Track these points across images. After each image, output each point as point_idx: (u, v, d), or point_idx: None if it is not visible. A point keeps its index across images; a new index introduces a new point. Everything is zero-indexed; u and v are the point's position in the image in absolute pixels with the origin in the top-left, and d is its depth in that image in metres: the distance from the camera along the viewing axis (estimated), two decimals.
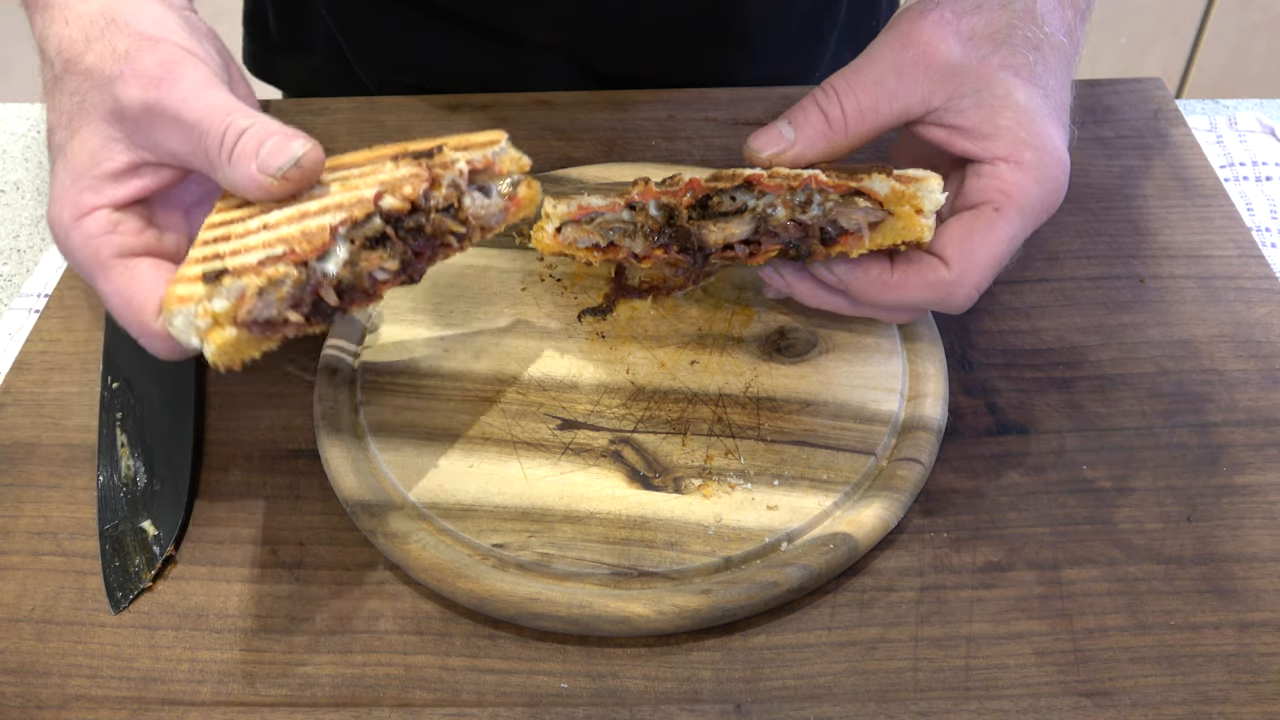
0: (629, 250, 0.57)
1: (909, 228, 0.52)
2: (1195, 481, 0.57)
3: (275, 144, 0.49)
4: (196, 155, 0.50)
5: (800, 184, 0.53)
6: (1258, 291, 0.66)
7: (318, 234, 0.48)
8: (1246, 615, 0.51)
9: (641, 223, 0.56)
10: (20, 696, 0.51)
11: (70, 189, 0.52)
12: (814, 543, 0.53)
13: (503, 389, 0.61)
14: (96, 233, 0.51)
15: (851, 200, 0.53)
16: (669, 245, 0.56)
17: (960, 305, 0.55)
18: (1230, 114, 0.82)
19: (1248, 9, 1.76)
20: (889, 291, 0.55)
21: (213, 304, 0.46)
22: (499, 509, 0.55)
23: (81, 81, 0.52)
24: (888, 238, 0.53)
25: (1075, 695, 0.49)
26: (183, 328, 0.46)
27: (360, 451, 0.58)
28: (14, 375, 0.65)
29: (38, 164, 0.83)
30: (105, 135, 0.52)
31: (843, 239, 0.53)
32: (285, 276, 0.47)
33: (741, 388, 0.60)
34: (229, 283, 0.46)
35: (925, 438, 0.57)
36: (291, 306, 0.47)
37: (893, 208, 0.53)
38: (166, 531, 0.56)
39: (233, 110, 0.50)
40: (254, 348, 0.47)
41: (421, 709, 0.50)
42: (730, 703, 0.49)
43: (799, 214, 0.54)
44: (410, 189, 0.50)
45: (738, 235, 0.55)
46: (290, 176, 0.49)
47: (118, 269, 0.51)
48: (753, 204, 0.54)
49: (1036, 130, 0.54)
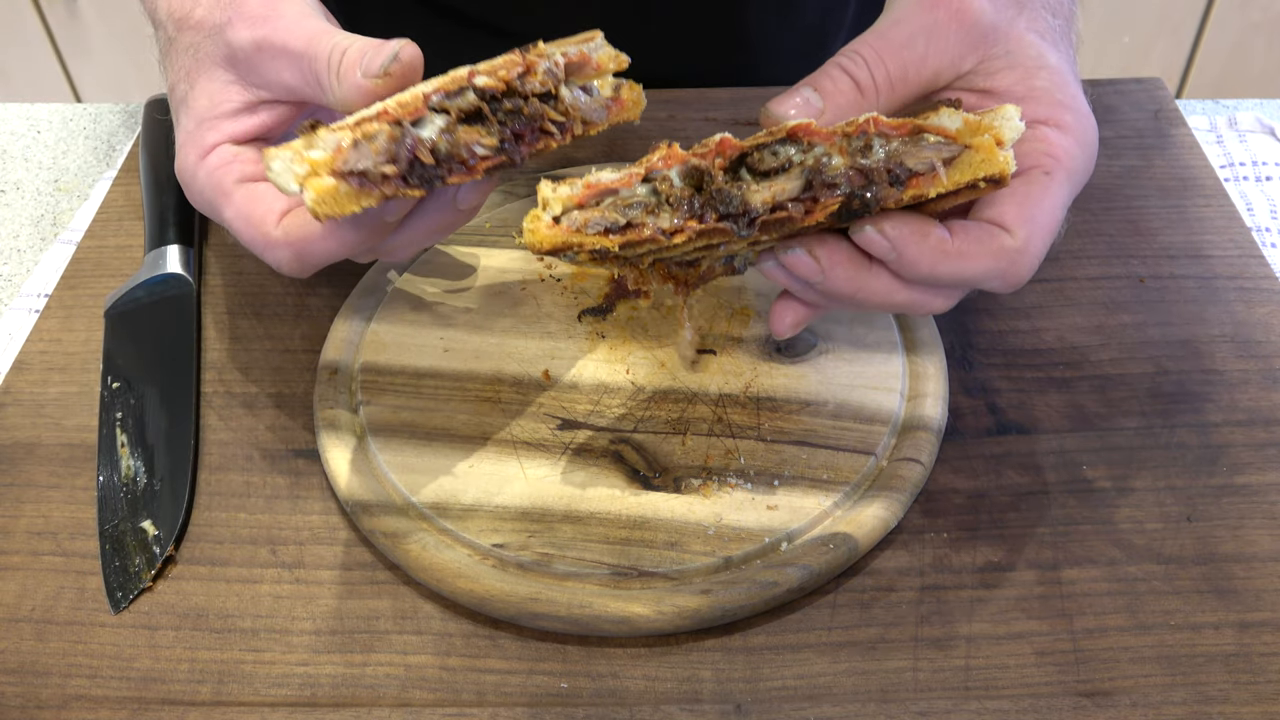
0: (654, 229, 0.47)
1: (989, 160, 0.46)
2: (1195, 481, 0.57)
3: (374, 49, 0.51)
4: (308, 82, 0.53)
5: (856, 130, 0.46)
6: (1258, 291, 0.66)
7: (411, 100, 0.49)
8: (1246, 615, 0.51)
9: (666, 193, 0.47)
10: (20, 696, 0.51)
11: (194, 133, 0.55)
12: (814, 543, 0.53)
13: (502, 389, 0.61)
14: (219, 165, 0.54)
15: (918, 139, 0.47)
16: (704, 213, 0.47)
17: (1023, 276, 0.49)
18: (1230, 114, 0.82)
19: (1248, 9, 1.76)
20: (948, 261, 0.48)
21: (309, 153, 0.47)
22: (499, 509, 0.55)
23: (194, 35, 0.56)
24: (966, 173, 0.46)
25: (1075, 695, 0.49)
26: (280, 171, 0.47)
27: (360, 451, 0.58)
28: (14, 375, 0.65)
29: (38, 164, 0.83)
30: (221, 80, 0.55)
31: (914, 181, 0.46)
32: (378, 132, 0.48)
33: (741, 388, 0.60)
34: (324, 133, 0.48)
35: (925, 438, 0.57)
36: (388, 161, 0.48)
37: (968, 140, 0.46)
38: (166, 531, 0.56)
39: (334, 33, 0.53)
40: (353, 201, 0.48)
41: (421, 709, 0.50)
42: (730, 703, 0.49)
43: (860, 159, 0.47)
44: (504, 71, 0.51)
45: (789, 192, 0.47)
46: (392, 71, 0.51)
47: (240, 192, 0.54)
48: (800, 158, 0.47)
49: (1072, 92, 0.51)
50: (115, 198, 0.76)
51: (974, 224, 0.49)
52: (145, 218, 0.72)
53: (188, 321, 0.66)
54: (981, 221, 0.49)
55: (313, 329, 0.66)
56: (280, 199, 0.53)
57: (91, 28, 1.77)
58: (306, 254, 0.52)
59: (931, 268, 0.48)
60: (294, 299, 0.68)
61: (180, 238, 0.70)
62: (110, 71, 1.83)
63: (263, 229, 0.53)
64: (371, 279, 0.67)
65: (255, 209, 0.53)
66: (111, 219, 0.75)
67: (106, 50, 1.80)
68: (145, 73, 1.81)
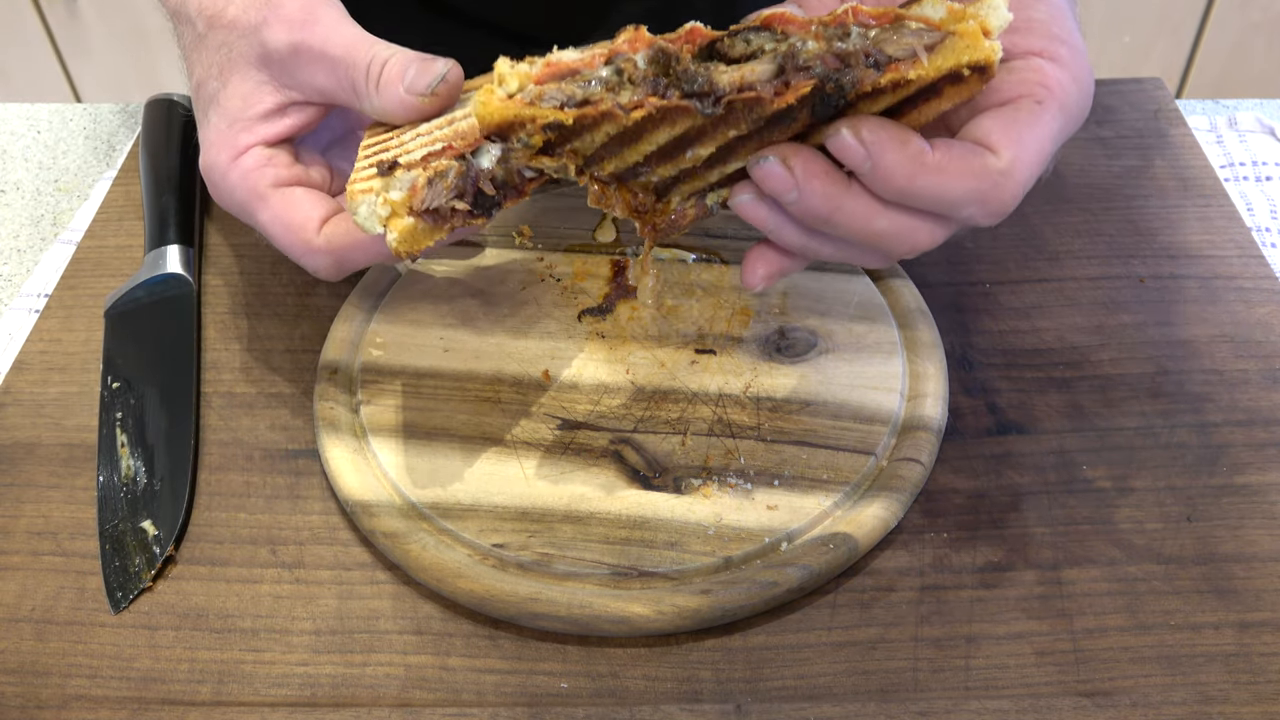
0: (613, 104, 0.44)
1: (973, 46, 0.43)
2: (1195, 481, 0.57)
3: (420, 67, 0.52)
4: (343, 88, 0.54)
5: (834, 20, 0.44)
6: (1258, 291, 0.66)
7: (469, 132, 0.51)
8: (1246, 615, 0.51)
9: (630, 73, 0.45)
10: (20, 696, 0.51)
11: (226, 132, 0.56)
12: (814, 543, 0.53)
13: (502, 389, 0.61)
14: (253, 167, 0.55)
15: (900, 26, 0.44)
16: (667, 92, 0.44)
17: (1006, 204, 0.46)
18: (1230, 114, 0.82)
19: (1248, 9, 1.76)
20: (926, 175, 0.45)
21: (390, 194, 0.49)
22: (499, 509, 0.55)
23: (227, 34, 0.56)
24: (948, 59, 0.43)
25: (1075, 695, 0.49)
26: (366, 215, 0.49)
27: (360, 451, 0.58)
28: (14, 375, 0.65)
29: (38, 164, 0.83)
30: (255, 80, 0.55)
31: (893, 66, 0.43)
32: (449, 169, 0.49)
33: (741, 388, 0.60)
34: (400, 174, 0.49)
35: (925, 438, 0.57)
36: (456, 196, 0.50)
37: (952, 27, 0.44)
38: (166, 531, 0.56)
39: (374, 43, 0.53)
40: (428, 237, 0.50)
41: (421, 709, 0.50)
42: (730, 703, 0.49)
43: (837, 44, 0.44)
44: None
45: (759, 74, 0.44)
46: (439, 93, 0.52)
47: (275, 197, 0.55)
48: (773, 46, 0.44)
49: (1069, 27, 0.49)
50: (115, 198, 0.76)
51: (956, 141, 0.46)
52: (145, 218, 0.72)
53: (188, 321, 0.66)
54: (966, 141, 0.46)
55: (313, 329, 0.66)
56: (319, 206, 0.54)
57: (91, 28, 1.77)
58: (346, 261, 0.54)
59: (909, 180, 0.45)
60: (294, 299, 0.68)
61: (180, 238, 0.70)
62: (110, 71, 1.83)
63: (303, 236, 0.54)
64: (372, 279, 0.67)
65: (294, 215, 0.54)
66: (111, 219, 0.75)
67: (106, 50, 1.80)
68: (145, 73, 1.81)
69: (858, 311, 0.63)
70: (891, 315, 0.63)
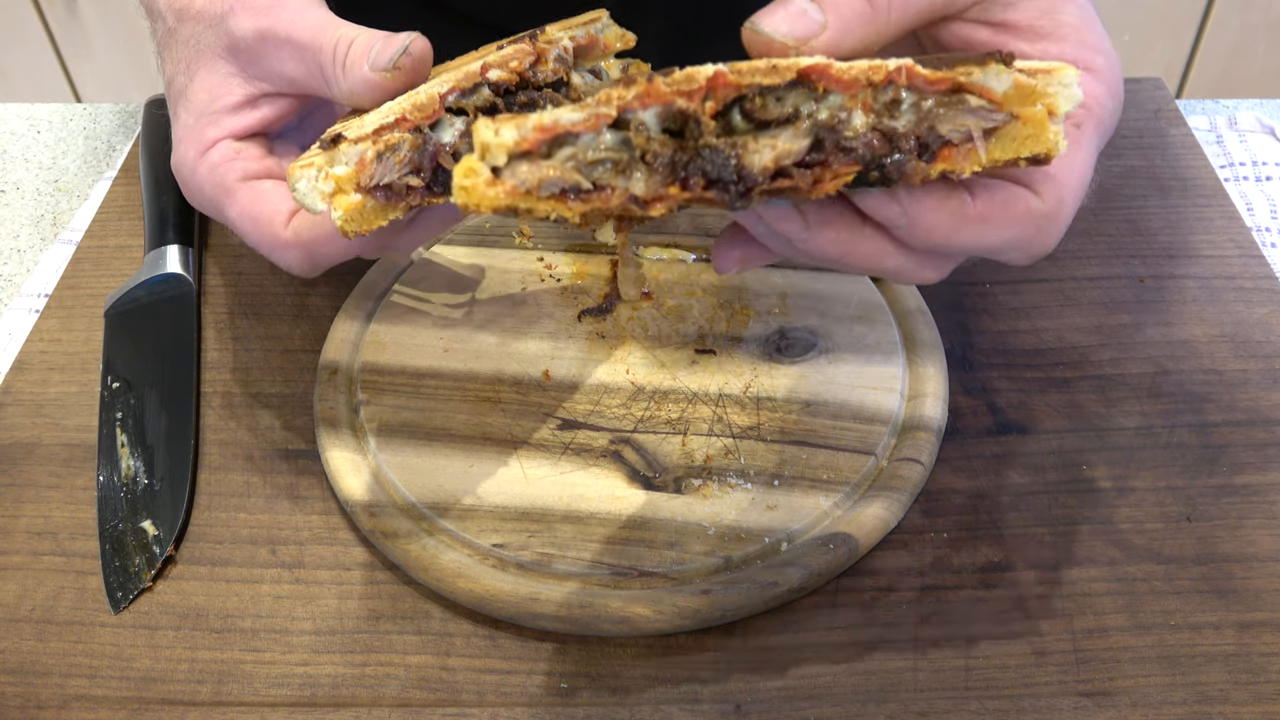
0: (625, 194, 0.37)
1: (1038, 136, 0.38)
2: (1195, 481, 0.57)
3: (383, 43, 0.50)
4: (312, 74, 0.52)
5: (885, 78, 0.37)
6: (1258, 291, 0.66)
7: (428, 103, 0.48)
8: (1246, 615, 0.51)
9: (643, 148, 0.36)
10: (20, 696, 0.51)
11: (193, 128, 0.54)
12: (814, 543, 0.53)
13: (503, 389, 0.61)
14: (220, 161, 0.53)
15: (959, 98, 0.38)
16: (688, 178, 0.37)
17: (1049, 245, 0.43)
18: (1230, 114, 0.82)
19: (1248, 9, 1.76)
20: (968, 227, 0.41)
21: (334, 169, 0.47)
22: (499, 509, 0.55)
23: (194, 26, 0.54)
24: (1009, 149, 0.38)
25: (1075, 695, 0.49)
26: (306, 191, 0.46)
27: (360, 451, 0.58)
28: (14, 375, 0.65)
29: (38, 164, 0.83)
30: (222, 72, 0.54)
31: (945, 152, 0.38)
32: (401, 141, 0.47)
33: (741, 388, 0.60)
34: (346, 148, 0.47)
35: (925, 438, 0.57)
36: (411, 171, 0.48)
37: (1015, 109, 0.38)
38: (166, 531, 0.56)
39: (339, 25, 0.51)
40: (380, 216, 0.47)
41: (421, 709, 0.50)
42: (730, 703, 0.49)
43: (885, 120, 0.38)
44: (516, 62, 0.51)
45: (794, 153, 0.37)
46: (401, 65, 0.50)
47: (243, 190, 0.52)
48: (810, 108, 0.37)
49: (1099, 30, 0.45)
50: (115, 198, 0.76)
51: (996, 184, 0.41)
52: (145, 218, 0.72)
53: (188, 321, 0.66)
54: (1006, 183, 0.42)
55: (313, 329, 0.66)
56: (288, 198, 0.52)
57: (91, 28, 1.77)
58: (317, 255, 0.51)
59: (948, 237, 0.41)
60: (294, 299, 0.68)
61: (180, 238, 0.70)
62: (110, 71, 1.83)
63: (271, 229, 0.51)
64: (372, 279, 0.67)
65: (262, 208, 0.52)
66: (111, 219, 0.75)
67: (106, 50, 1.80)
68: (145, 73, 1.81)
69: (858, 311, 0.63)
70: (891, 315, 0.63)
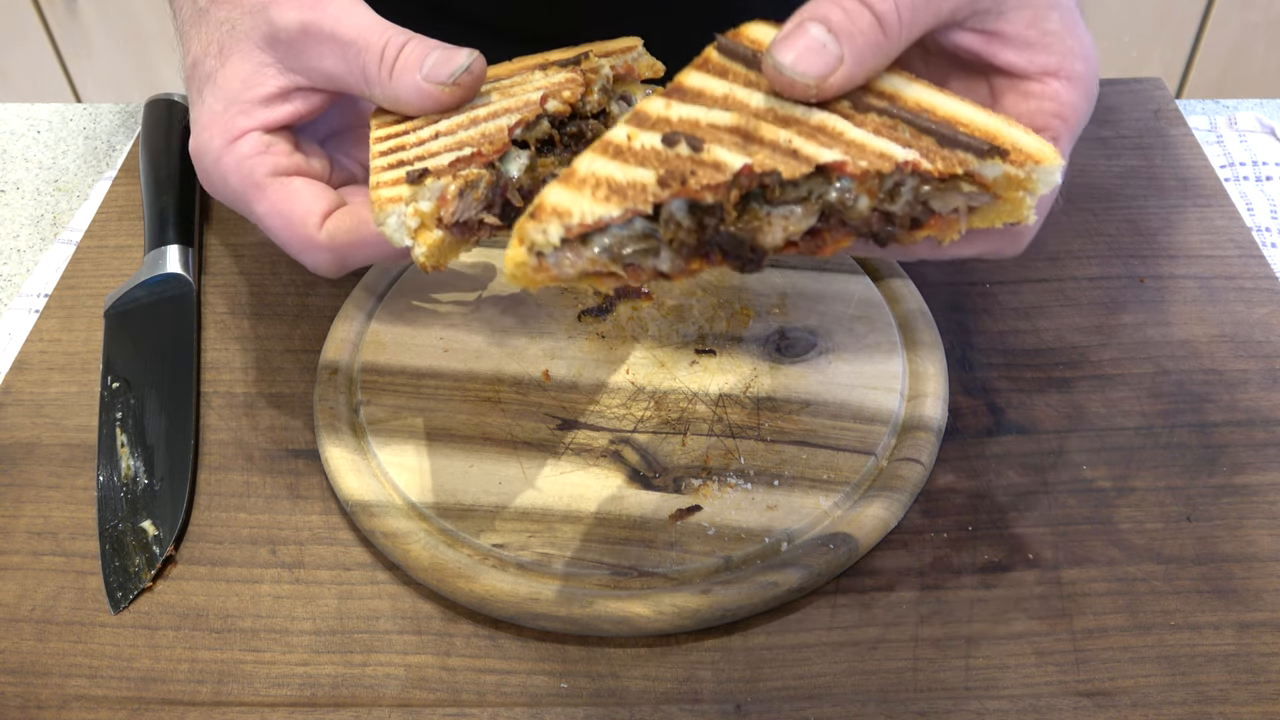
0: (654, 272, 0.42)
1: (1014, 210, 0.44)
2: (1195, 481, 0.57)
3: (441, 55, 0.50)
4: (353, 73, 0.51)
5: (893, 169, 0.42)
6: (1258, 291, 0.66)
7: (497, 135, 0.49)
8: (1246, 615, 0.51)
9: (670, 238, 0.41)
10: (20, 696, 0.51)
11: (222, 115, 0.52)
12: (814, 543, 0.53)
13: (503, 389, 0.61)
14: (250, 154, 0.52)
15: (953, 185, 0.43)
16: (709, 254, 0.42)
17: (1021, 247, 0.49)
18: (1230, 114, 0.82)
19: (1248, 9, 1.76)
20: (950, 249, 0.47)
21: (420, 204, 0.47)
22: (499, 509, 0.55)
23: (231, 10, 0.54)
24: (986, 220, 0.44)
25: (1075, 695, 0.49)
26: (395, 228, 0.47)
27: (360, 451, 0.58)
28: (14, 375, 0.65)
29: (38, 164, 0.83)
30: (258, 61, 0.53)
31: (932, 221, 0.44)
32: (480, 178, 0.48)
33: (741, 388, 0.60)
34: (431, 183, 0.47)
35: (925, 438, 0.57)
36: (485, 208, 0.48)
37: (1001, 192, 0.43)
38: (166, 531, 0.56)
39: (389, 27, 0.51)
40: (454, 251, 0.48)
41: (421, 709, 0.50)
42: (730, 703, 0.49)
43: (887, 203, 0.43)
44: (569, 92, 0.51)
45: (802, 227, 0.43)
46: (462, 82, 0.50)
47: (274, 187, 0.52)
48: (821, 190, 0.43)
49: (1080, 35, 0.47)
50: (115, 198, 0.76)
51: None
52: (145, 218, 0.72)
53: (188, 321, 0.66)
54: None
55: (313, 329, 0.66)
56: (320, 199, 0.51)
57: (91, 28, 1.77)
58: (349, 259, 0.51)
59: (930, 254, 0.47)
60: (294, 299, 0.68)
61: (180, 238, 0.70)
62: (110, 71, 1.83)
63: (305, 230, 0.51)
64: (372, 279, 0.67)
65: (294, 207, 0.51)
66: (111, 219, 0.75)
67: (106, 50, 1.80)
68: (145, 73, 1.81)
69: (858, 311, 0.63)
70: (891, 315, 0.63)
